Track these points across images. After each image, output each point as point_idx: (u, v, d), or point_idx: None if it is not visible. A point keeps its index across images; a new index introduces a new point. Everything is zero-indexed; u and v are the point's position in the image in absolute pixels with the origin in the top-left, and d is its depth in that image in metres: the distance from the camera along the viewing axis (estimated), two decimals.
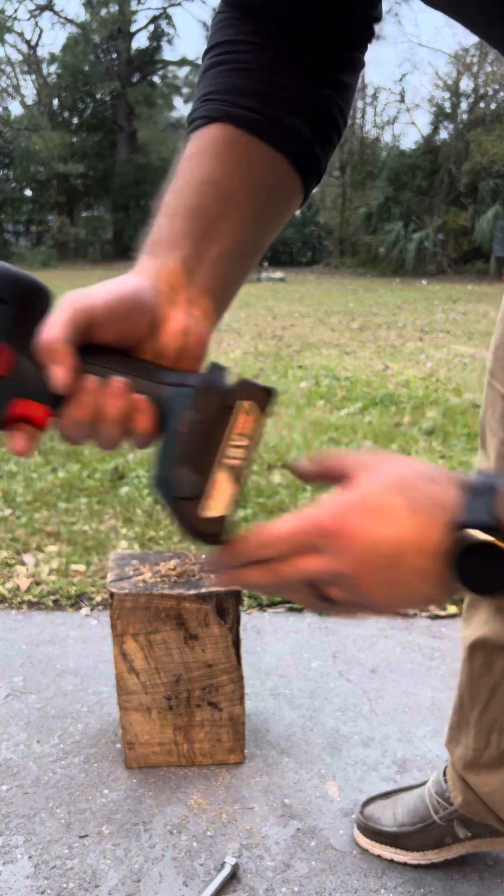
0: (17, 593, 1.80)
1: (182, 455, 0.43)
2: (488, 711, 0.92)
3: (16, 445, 0.44)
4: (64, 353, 0.42)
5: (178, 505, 0.44)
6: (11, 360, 0.43)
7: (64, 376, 0.42)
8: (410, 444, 3.05)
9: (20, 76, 26.15)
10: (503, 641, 0.88)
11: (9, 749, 1.26)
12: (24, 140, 23.13)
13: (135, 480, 2.58)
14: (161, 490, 0.45)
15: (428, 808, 1.02)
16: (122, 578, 1.14)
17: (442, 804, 1.01)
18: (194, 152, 0.52)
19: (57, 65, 24.86)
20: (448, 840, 1.00)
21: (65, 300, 0.44)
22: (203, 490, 0.43)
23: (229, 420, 0.44)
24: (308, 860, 1.03)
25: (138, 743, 1.19)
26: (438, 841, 1.01)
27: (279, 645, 1.59)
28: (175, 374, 0.46)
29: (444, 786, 1.01)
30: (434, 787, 1.03)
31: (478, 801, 0.95)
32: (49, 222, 23.34)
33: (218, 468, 0.44)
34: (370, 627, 1.67)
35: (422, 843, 1.02)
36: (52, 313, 0.43)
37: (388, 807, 1.06)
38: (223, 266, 0.51)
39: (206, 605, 1.11)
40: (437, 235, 18.63)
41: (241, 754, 1.22)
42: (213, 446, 0.44)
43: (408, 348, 5.91)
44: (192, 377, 0.45)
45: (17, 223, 24.39)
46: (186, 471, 0.43)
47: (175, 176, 0.52)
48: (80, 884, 0.99)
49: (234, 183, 0.51)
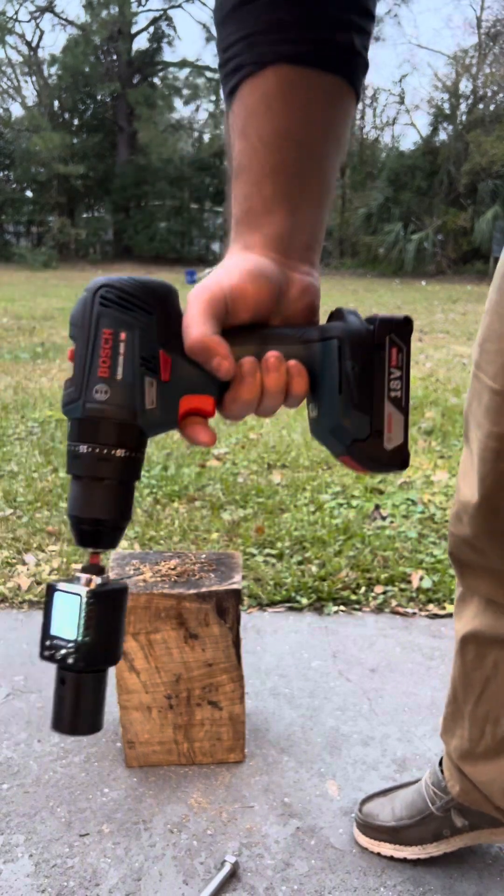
0: (19, 593, 1.80)
1: (350, 402, 0.46)
2: (482, 703, 0.93)
3: (202, 438, 0.47)
4: (218, 345, 0.44)
5: (359, 447, 0.46)
6: (169, 365, 0.45)
7: (226, 366, 0.44)
8: (409, 444, 3.05)
9: (21, 77, 26.17)
10: (494, 634, 0.89)
11: (9, 748, 1.26)
12: (24, 141, 23.14)
13: None
14: (336, 439, 0.47)
15: (425, 800, 1.03)
16: (122, 578, 1.14)
17: (439, 795, 1.02)
18: (257, 104, 0.48)
19: (57, 66, 24.87)
20: (446, 832, 1.01)
21: (195, 294, 0.46)
22: (380, 427, 0.46)
23: (383, 357, 0.46)
24: (308, 859, 1.04)
25: (138, 742, 1.20)
26: (437, 833, 1.01)
27: (279, 644, 1.59)
28: (314, 331, 0.48)
29: (440, 776, 1.02)
30: (431, 779, 1.04)
31: (474, 790, 0.96)
32: (50, 223, 23.35)
33: (385, 403, 0.46)
34: (370, 627, 1.67)
35: (420, 837, 1.02)
36: (189, 310, 0.45)
37: (386, 804, 1.07)
38: (317, 216, 0.51)
39: (206, 605, 1.11)
40: (437, 236, 18.65)
41: (241, 753, 1.23)
42: (375, 386, 0.46)
43: None
44: (332, 329, 0.47)
45: (17, 224, 24.39)
46: (358, 414, 0.46)
47: (239, 134, 0.49)
48: (81, 882, 1.00)
49: (309, 130, 0.48)
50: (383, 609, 1.76)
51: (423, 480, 2.62)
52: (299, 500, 2.40)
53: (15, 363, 5.06)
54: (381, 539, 2.09)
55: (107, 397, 0.43)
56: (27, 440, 3.13)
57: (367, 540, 2.08)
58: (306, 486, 2.54)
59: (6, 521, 2.22)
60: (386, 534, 2.13)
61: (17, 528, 2.17)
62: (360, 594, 1.81)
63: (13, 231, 24.56)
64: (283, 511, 2.32)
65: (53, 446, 3.00)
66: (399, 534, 2.14)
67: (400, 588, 1.83)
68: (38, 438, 3.15)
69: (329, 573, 1.88)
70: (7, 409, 3.67)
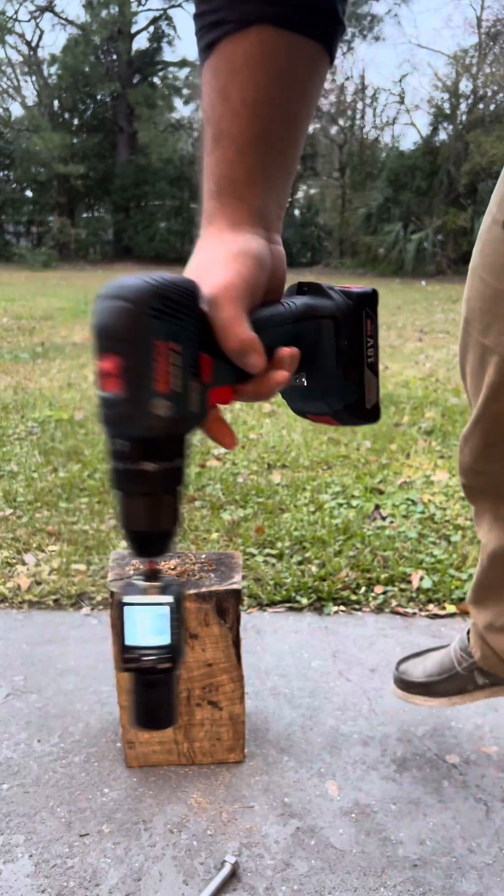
0: (18, 593, 1.80)
1: (344, 375, 0.52)
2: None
3: (227, 441, 0.49)
4: (257, 343, 0.45)
5: (344, 411, 0.53)
6: (210, 366, 0.45)
7: (262, 363, 0.46)
8: (410, 444, 3.06)
9: (21, 77, 26.16)
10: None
11: (9, 748, 1.26)
12: (24, 141, 23.13)
13: None
14: (325, 405, 0.53)
15: (452, 661, 1.19)
16: (122, 578, 1.15)
17: (465, 657, 1.17)
18: (241, 64, 0.46)
19: (57, 66, 24.85)
20: (470, 687, 1.17)
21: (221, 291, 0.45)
22: (363, 392, 0.53)
23: (361, 329, 0.52)
24: (308, 859, 1.04)
25: (138, 742, 1.20)
26: (461, 688, 1.18)
27: (279, 644, 1.59)
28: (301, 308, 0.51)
29: (466, 642, 1.18)
30: (459, 644, 1.20)
31: (494, 656, 1.12)
32: (50, 223, 23.34)
33: (365, 370, 0.53)
34: (370, 627, 1.67)
35: (447, 690, 1.19)
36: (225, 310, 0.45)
37: (419, 663, 1.23)
38: (288, 184, 0.51)
39: (206, 605, 1.11)
40: (437, 236, 18.63)
41: (241, 753, 1.23)
42: (358, 356, 0.52)
43: (407, 348, 5.92)
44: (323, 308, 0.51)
45: (17, 224, 24.36)
46: (349, 385, 0.52)
47: (220, 93, 0.47)
48: (81, 882, 1.00)
49: (289, 96, 0.48)
50: (383, 609, 1.76)
51: (423, 480, 2.62)
52: (299, 500, 2.40)
53: (15, 363, 5.06)
54: (381, 539, 2.09)
55: (169, 412, 0.41)
56: (27, 440, 3.13)
57: (367, 540, 2.08)
58: (306, 486, 2.54)
59: (6, 521, 2.22)
60: (386, 534, 2.13)
61: (16, 528, 2.17)
62: (360, 594, 1.81)
63: (13, 231, 24.54)
64: (283, 511, 2.32)
65: (53, 446, 3.00)
66: (399, 534, 2.14)
67: (400, 588, 1.83)
68: (38, 438, 3.15)
69: (329, 573, 1.88)
70: (7, 409, 3.67)
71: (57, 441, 3.09)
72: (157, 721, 0.48)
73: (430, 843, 1.07)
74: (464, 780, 1.20)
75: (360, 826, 1.10)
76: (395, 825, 1.10)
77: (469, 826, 1.10)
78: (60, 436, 3.18)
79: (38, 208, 23.37)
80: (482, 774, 1.21)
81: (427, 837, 1.08)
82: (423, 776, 1.20)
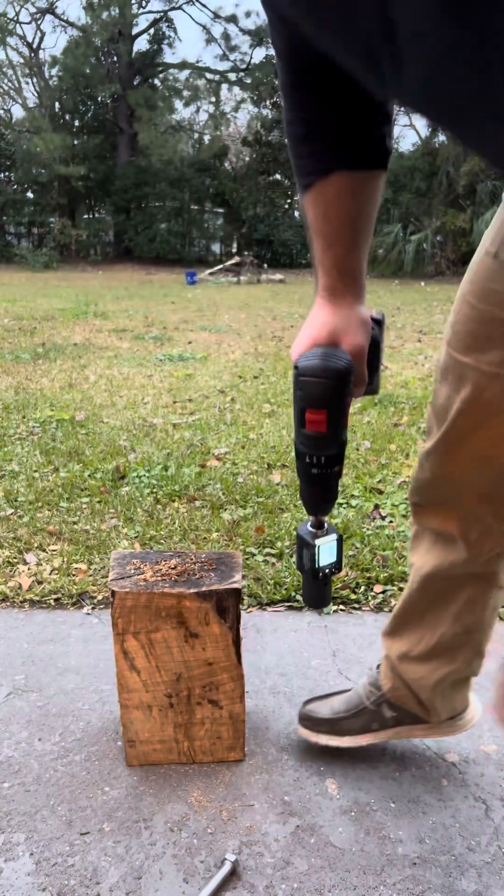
0: (19, 592, 1.80)
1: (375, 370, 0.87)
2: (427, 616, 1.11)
3: None
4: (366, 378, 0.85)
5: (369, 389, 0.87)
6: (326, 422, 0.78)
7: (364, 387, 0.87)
8: (409, 444, 3.06)
9: (22, 79, 26.19)
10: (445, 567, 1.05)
11: (10, 747, 1.26)
12: (25, 142, 23.15)
13: (136, 480, 2.59)
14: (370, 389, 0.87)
15: (360, 697, 1.20)
16: (123, 577, 1.15)
17: (373, 691, 1.18)
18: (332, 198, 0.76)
19: (58, 67, 24.85)
20: (375, 726, 1.17)
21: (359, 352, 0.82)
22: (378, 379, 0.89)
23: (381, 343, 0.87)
24: (308, 857, 1.04)
25: (139, 741, 1.20)
26: (367, 726, 1.18)
27: (279, 643, 1.60)
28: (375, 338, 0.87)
29: (375, 675, 1.19)
30: (368, 679, 1.21)
31: (404, 687, 1.13)
32: (50, 224, 23.33)
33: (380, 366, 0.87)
34: (369, 626, 1.67)
35: (352, 727, 1.19)
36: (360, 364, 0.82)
37: (326, 702, 1.24)
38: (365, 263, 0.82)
39: (207, 604, 1.11)
40: (436, 237, 18.64)
41: (241, 752, 1.23)
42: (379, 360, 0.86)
43: (406, 349, 5.92)
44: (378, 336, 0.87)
45: (18, 225, 24.37)
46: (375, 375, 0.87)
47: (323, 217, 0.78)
48: (81, 881, 1.00)
49: (367, 207, 0.78)
50: (383, 608, 1.76)
51: None
52: (299, 500, 2.40)
53: (16, 363, 5.06)
54: (381, 538, 2.09)
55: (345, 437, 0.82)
56: (28, 440, 3.13)
57: (367, 539, 2.08)
58: None
59: (7, 521, 2.23)
60: (385, 533, 2.14)
61: (17, 527, 2.17)
62: (360, 593, 1.81)
63: (14, 232, 24.56)
64: (283, 511, 2.32)
65: (54, 446, 3.01)
66: (398, 533, 2.14)
67: (399, 587, 1.84)
68: (39, 438, 3.15)
69: None
70: (8, 410, 3.67)
71: (58, 441, 3.10)
72: (324, 604, 0.96)
73: (430, 841, 1.07)
74: (463, 778, 1.20)
75: (360, 824, 1.10)
76: (394, 823, 1.10)
77: (468, 824, 1.10)
78: (61, 436, 3.18)
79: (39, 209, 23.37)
80: (481, 773, 1.21)
81: (426, 836, 1.08)
82: (422, 775, 1.20)
